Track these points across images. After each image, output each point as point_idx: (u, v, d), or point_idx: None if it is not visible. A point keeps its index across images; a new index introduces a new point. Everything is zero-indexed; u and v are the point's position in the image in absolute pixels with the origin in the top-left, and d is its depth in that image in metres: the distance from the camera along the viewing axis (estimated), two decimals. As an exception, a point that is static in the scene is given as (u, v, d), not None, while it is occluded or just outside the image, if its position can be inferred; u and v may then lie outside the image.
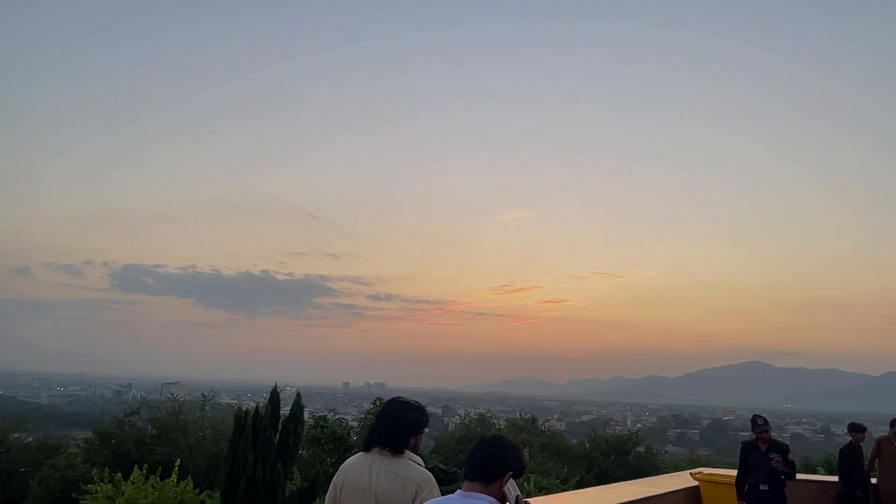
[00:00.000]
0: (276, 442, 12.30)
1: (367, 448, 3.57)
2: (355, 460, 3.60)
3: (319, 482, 14.12)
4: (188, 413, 20.63)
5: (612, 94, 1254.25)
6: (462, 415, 34.94)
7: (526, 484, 16.26)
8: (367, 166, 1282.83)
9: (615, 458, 25.61)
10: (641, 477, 17.66)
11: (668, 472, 20.13)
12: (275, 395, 12.36)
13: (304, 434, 20.22)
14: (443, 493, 3.16)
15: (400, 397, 3.74)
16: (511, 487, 2.87)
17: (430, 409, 3.85)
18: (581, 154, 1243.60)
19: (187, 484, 13.25)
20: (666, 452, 42.43)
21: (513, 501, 2.86)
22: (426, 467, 3.61)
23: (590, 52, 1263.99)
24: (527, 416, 31.20)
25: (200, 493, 13.90)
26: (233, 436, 11.84)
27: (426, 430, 3.70)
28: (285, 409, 13.04)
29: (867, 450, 10.23)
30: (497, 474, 2.81)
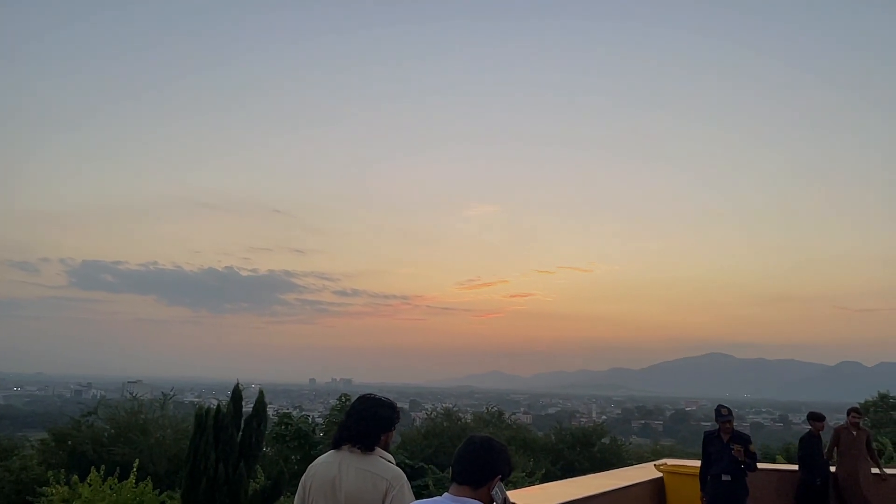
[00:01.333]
0: (238, 440, 12.10)
1: (336, 446, 3.49)
2: (325, 458, 3.52)
3: (284, 480, 13.96)
4: (148, 412, 20.23)
5: (577, 89, 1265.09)
6: (429, 410, 34.93)
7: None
8: (333, 161, 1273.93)
9: (581, 449, 25.85)
10: (607, 468, 17.78)
11: (632, 464, 20.34)
12: (237, 393, 12.16)
13: (267, 432, 20.04)
14: (413, 488, 3.03)
15: (370, 394, 3.67)
16: (499, 490, 2.77)
17: (397, 404, 3.75)
18: (547, 148, 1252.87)
19: (146, 485, 12.99)
20: (630, 443, 43.01)
21: None
22: (394, 463, 3.51)
23: (555, 47, 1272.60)
24: (493, 410, 31.29)
25: (160, 493, 13.64)
26: (193, 435, 11.62)
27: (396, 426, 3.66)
28: (249, 407, 12.85)
29: (826, 438, 10.41)
30: (486, 478, 2.73)
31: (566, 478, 8.51)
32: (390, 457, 3.52)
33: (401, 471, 3.44)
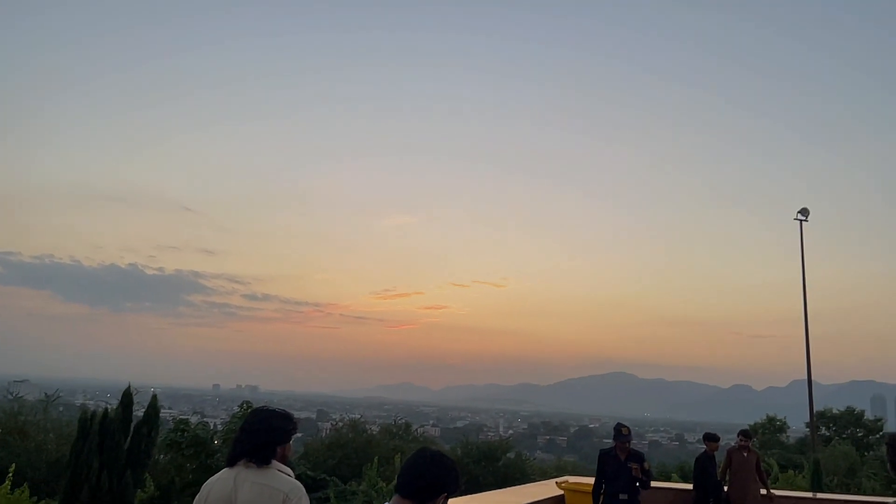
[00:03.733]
0: (126, 447, 11.41)
1: (231, 463, 3.40)
2: (220, 475, 3.41)
3: (174, 490, 13.29)
4: (29, 414, 18.87)
5: (499, 107, 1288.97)
6: (336, 420, 34.38)
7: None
8: (250, 162, 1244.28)
9: (486, 464, 25.91)
10: (511, 484, 17.87)
11: (536, 479, 20.55)
12: (127, 397, 11.49)
13: (161, 439, 19.05)
14: (313, 500, 2.87)
15: (264, 406, 3.60)
16: None
17: (304, 413, 3.62)
18: (468, 163, 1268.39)
19: (23, 491, 12.08)
20: (535, 459, 43.61)
21: None
22: (294, 474, 3.43)
23: (479, 65, 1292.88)
24: (401, 422, 31.02)
25: (38, 501, 12.76)
26: (76, 440, 10.90)
27: (294, 437, 3.55)
28: (141, 412, 12.17)
29: (720, 458, 10.77)
30: (432, 494, 2.65)
31: (471, 493, 8.37)
32: (289, 469, 3.44)
33: (299, 483, 3.37)
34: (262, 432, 3.36)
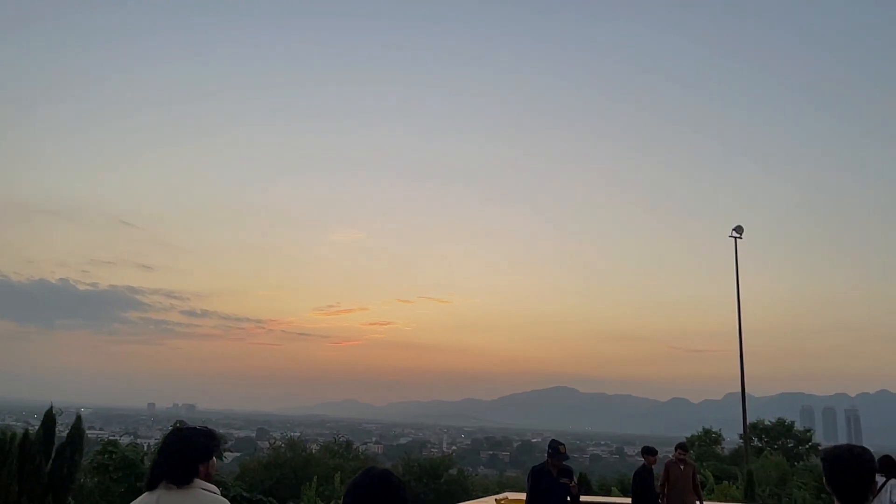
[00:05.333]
0: (47, 470, 10.81)
1: (151, 486, 3.28)
2: (141, 500, 3.29)
3: (99, 516, 12.65)
4: (-56, 437, 17.74)
5: (447, 123, 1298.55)
6: (276, 438, 33.64)
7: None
8: (192, 177, 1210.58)
9: (427, 481, 25.69)
10: (452, 501, 17.75)
11: (478, 495, 20.44)
12: (49, 418, 10.88)
13: (88, 461, 18.20)
14: None
15: (183, 426, 3.55)
16: None
17: (243, 432, 3.49)
18: (413, 179, 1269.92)
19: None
20: (477, 474, 43.51)
21: None
22: (229, 496, 3.26)
23: (427, 78, 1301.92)
24: (342, 440, 30.52)
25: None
26: (-8, 465, 10.22)
27: (224, 455, 3.35)
28: (65, 433, 11.55)
29: (659, 471, 10.91)
30: None
31: (411, 510, 8.19)
32: (214, 488, 3.34)
33: (226, 501, 3.29)
34: (181, 451, 3.27)
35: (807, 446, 34.91)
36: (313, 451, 28.41)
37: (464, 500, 13.63)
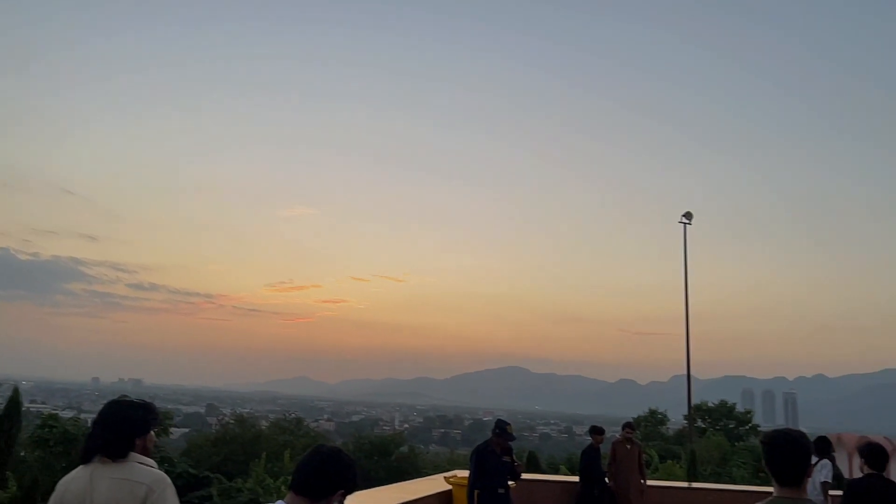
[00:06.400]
0: (-18, 445, 10.45)
1: (86, 459, 3.19)
2: (75, 474, 3.21)
3: (37, 489, 12.31)
4: None
5: (400, 104, 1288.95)
6: (227, 415, 33.30)
7: (284, 487, 15.56)
8: (143, 148, 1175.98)
9: (378, 459, 25.76)
10: (403, 478, 17.79)
11: (428, 473, 20.56)
12: (-15, 391, 10.52)
13: (28, 435, 17.68)
14: (194, 499, 2.65)
15: (121, 397, 3.42)
16: None
17: (192, 408, 3.37)
18: (370, 158, 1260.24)
19: None
20: (429, 452, 43.87)
21: None
22: (174, 472, 3.16)
23: (383, 61, 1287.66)
24: (291, 417, 30.34)
25: None
26: (-78, 439, 9.84)
27: (155, 430, 3.40)
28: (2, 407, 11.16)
29: (606, 450, 11.11)
30: (326, 491, 2.62)
31: (362, 488, 8.15)
32: (152, 462, 3.27)
33: (163, 474, 3.19)
34: (117, 424, 3.18)
35: (747, 427, 36.08)
36: (263, 427, 28.15)
37: (414, 478, 13.67)
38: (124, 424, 3.20)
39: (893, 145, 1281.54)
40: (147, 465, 3.21)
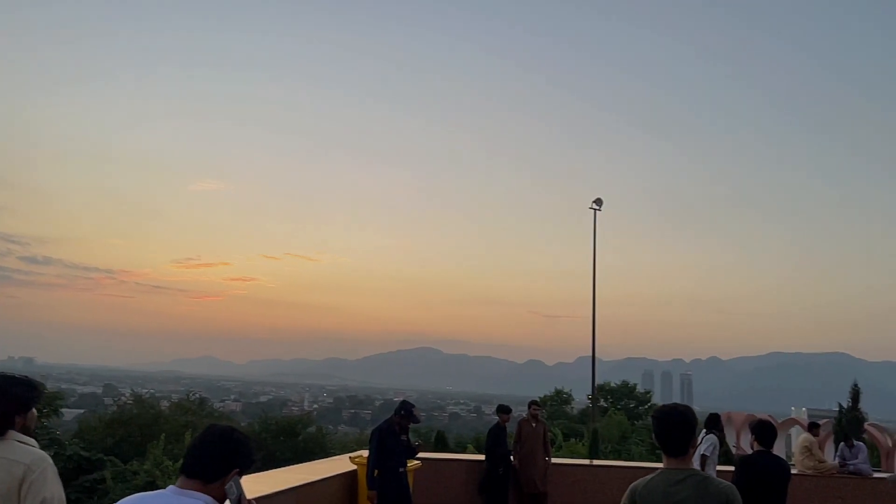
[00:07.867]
0: None
1: None
2: None
3: None
4: None
5: (318, 80, 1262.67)
6: (125, 395, 31.90)
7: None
8: (39, 114, 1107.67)
9: (285, 439, 25.31)
10: (310, 459, 17.52)
11: (336, 453, 20.32)
12: None
13: None
14: (86, 482, 2.38)
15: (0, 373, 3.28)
16: (234, 485, 2.52)
17: (88, 388, 3.08)
18: (285, 134, 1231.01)
19: None
20: (338, 433, 43.55)
21: (234, 501, 2.50)
22: (65, 454, 2.90)
23: (299, 32, 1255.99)
24: (195, 398, 29.37)
25: None
26: None
27: (37, 407, 3.28)
28: None
29: (512, 429, 11.24)
30: (219, 472, 2.50)
31: (267, 468, 7.91)
32: (32, 441, 3.17)
33: (44, 453, 3.09)
34: None
35: (646, 406, 37.74)
36: (164, 408, 27.07)
37: (320, 458, 13.45)
38: (2, 400, 3.07)
39: (793, 134, 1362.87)
40: (27, 444, 3.09)
